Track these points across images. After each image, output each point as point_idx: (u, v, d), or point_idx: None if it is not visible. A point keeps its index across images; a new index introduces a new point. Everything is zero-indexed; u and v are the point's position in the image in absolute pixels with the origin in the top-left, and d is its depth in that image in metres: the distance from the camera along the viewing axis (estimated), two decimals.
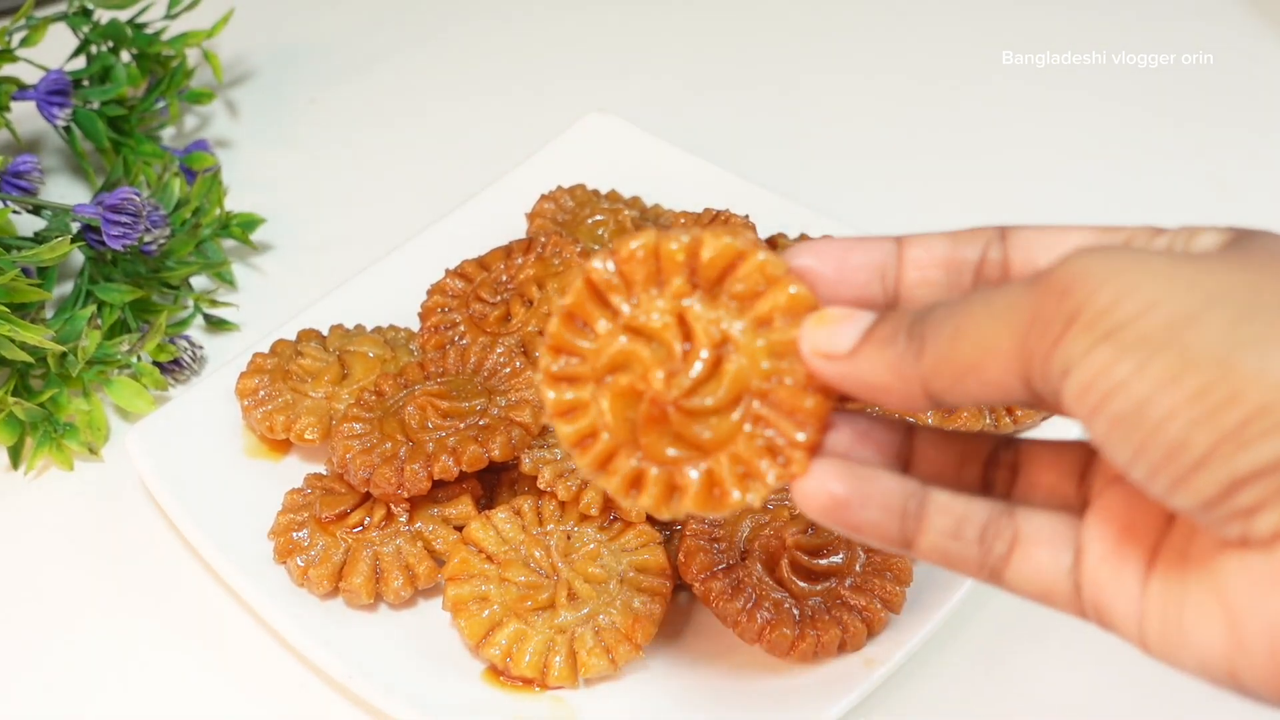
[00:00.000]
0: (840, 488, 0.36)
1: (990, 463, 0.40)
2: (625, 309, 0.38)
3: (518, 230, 0.75)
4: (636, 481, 0.38)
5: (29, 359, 0.66)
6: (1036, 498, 0.38)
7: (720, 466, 0.37)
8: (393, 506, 0.61)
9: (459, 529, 0.60)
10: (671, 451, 0.38)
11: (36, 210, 0.75)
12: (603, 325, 0.38)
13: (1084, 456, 0.38)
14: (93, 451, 0.68)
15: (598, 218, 0.73)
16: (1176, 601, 0.33)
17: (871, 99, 0.90)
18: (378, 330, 0.69)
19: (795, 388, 0.37)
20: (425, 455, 0.59)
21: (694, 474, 0.38)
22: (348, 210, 0.83)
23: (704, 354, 0.37)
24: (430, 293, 0.69)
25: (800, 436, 0.36)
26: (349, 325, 0.69)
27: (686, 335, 0.38)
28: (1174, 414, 0.30)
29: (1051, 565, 0.36)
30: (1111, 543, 0.35)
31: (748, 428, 0.37)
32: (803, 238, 0.70)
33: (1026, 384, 0.33)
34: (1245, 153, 0.85)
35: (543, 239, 0.69)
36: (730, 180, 0.77)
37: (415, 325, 0.70)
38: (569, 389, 0.38)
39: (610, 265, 0.38)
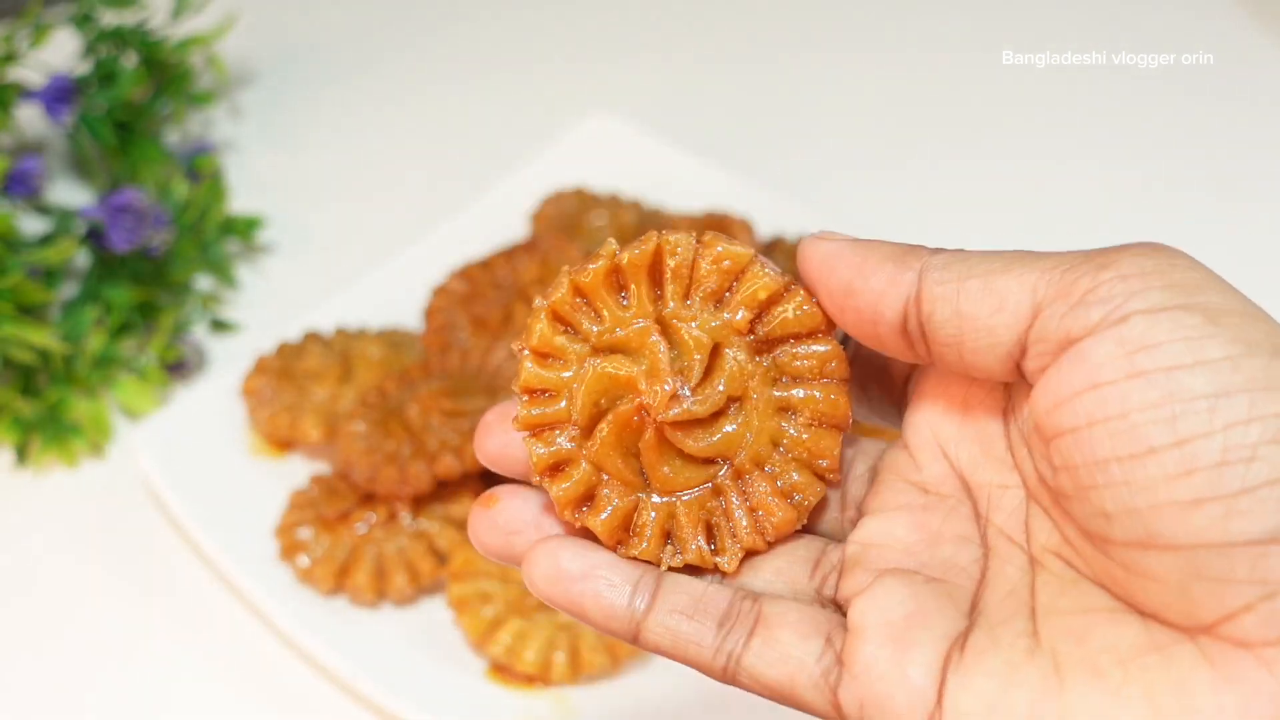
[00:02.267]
0: (566, 560, 0.33)
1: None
2: (671, 303, 0.34)
3: (520, 232, 0.75)
4: (560, 467, 0.35)
5: (35, 360, 0.67)
6: (755, 584, 0.35)
7: (647, 512, 0.34)
8: (396, 505, 0.61)
9: (462, 527, 0.61)
10: (615, 464, 0.34)
11: (42, 212, 0.75)
12: (640, 300, 0.34)
13: (819, 550, 0.35)
14: (98, 451, 0.69)
15: (599, 220, 0.73)
16: (1051, 703, 0.28)
17: (872, 99, 0.91)
18: (381, 331, 0.70)
19: (776, 489, 0.34)
20: (428, 454, 0.60)
21: (620, 499, 0.34)
22: (350, 212, 0.83)
23: (717, 397, 0.34)
24: (433, 294, 0.69)
25: (748, 538, 0.34)
26: (352, 326, 0.70)
27: (709, 367, 0.34)
28: (1254, 419, 0.26)
29: (797, 649, 0.32)
30: (896, 627, 0.31)
31: (701, 493, 0.34)
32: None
33: (1028, 325, 0.29)
34: (1245, 153, 0.85)
35: (544, 240, 0.69)
36: (730, 180, 0.77)
37: (418, 326, 0.70)
38: (564, 336, 0.35)
39: (688, 253, 0.34)
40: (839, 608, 0.33)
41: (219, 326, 0.75)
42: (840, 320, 0.33)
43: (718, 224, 0.70)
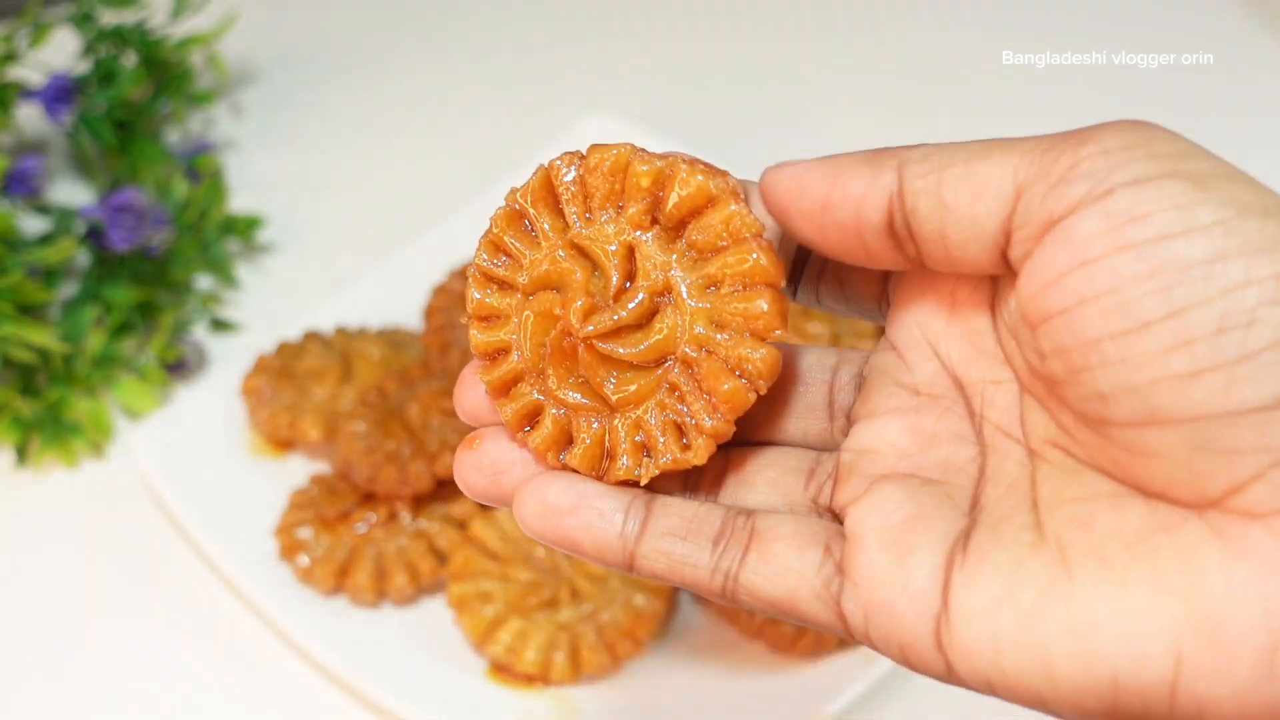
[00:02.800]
0: (553, 494, 0.33)
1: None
2: (576, 223, 0.34)
3: None
4: (531, 417, 0.34)
5: (35, 359, 0.67)
6: (749, 500, 0.34)
7: (619, 430, 0.33)
8: (396, 505, 0.61)
9: (462, 527, 0.61)
10: (573, 395, 0.34)
11: (42, 212, 0.75)
12: (548, 233, 0.34)
13: (812, 460, 0.34)
14: (98, 451, 0.69)
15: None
16: (1058, 591, 0.27)
17: (872, 98, 0.91)
18: (381, 331, 0.70)
19: (721, 366, 0.32)
20: (428, 454, 0.60)
21: (592, 428, 0.33)
22: (350, 211, 0.83)
23: (640, 298, 0.33)
24: (433, 293, 0.69)
25: (709, 422, 0.32)
26: (352, 326, 0.70)
27: (629, 272, 0.33)
28: (1251, 282, 0.25)
29: (795, 561, 0.31)
30: (895, 531, 0.30)
31: (660, 394, 0.33)
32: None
33: (1011, 209, 0.28)
34: (1245, 153, 0.85)
35: None
36: None
37: (418, 326, 0.70)
38: (496, 293, 0.34)
39: (575, 170, 0.33)
40: (835, 516, 0.32)
41: (219, 326, 0.75)
42: (822, 239, 0.31)
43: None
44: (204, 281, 0.78)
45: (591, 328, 0.33)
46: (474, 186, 0.80)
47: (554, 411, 0.34)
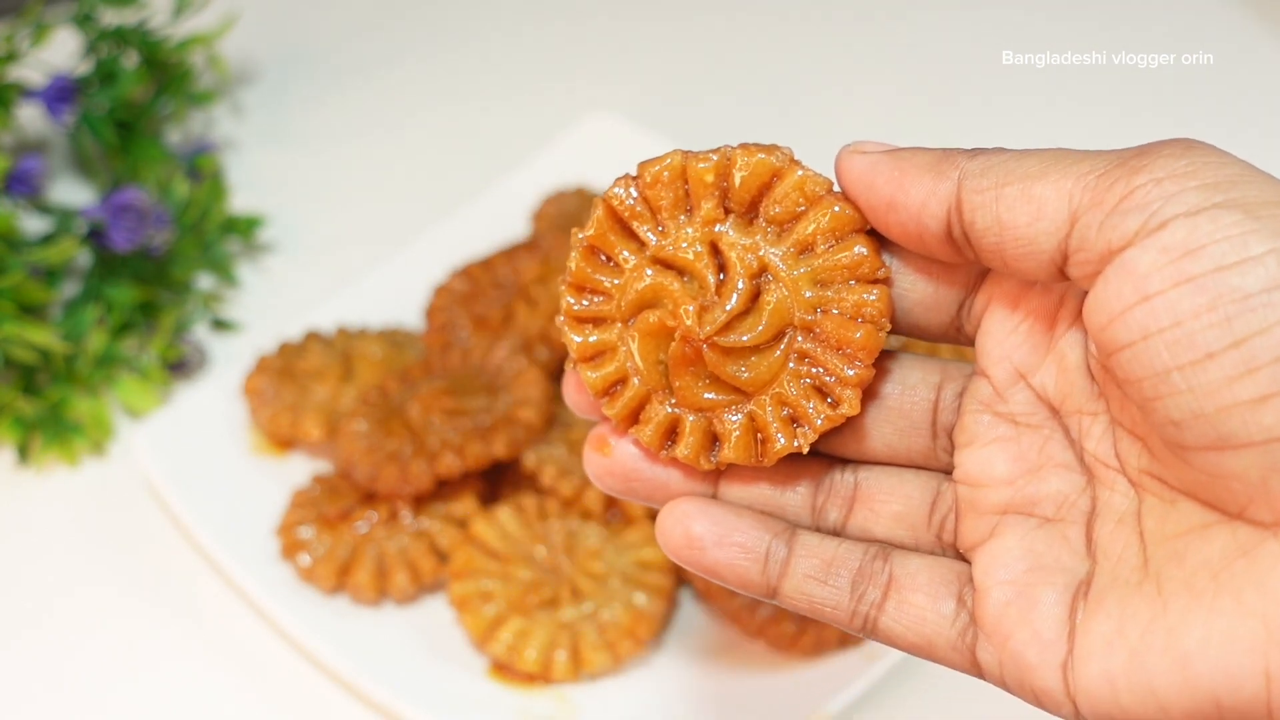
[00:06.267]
0: (698, 527, 0.34)
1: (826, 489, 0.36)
2: (652, 239, 0.34)
3: (520, 230, 0.75)
4: (671, 431, 0.35)
5: (36, 359, 0.67)
6: (877, 530, 0.35)
7: (763, 410, 0.34)
8: (397, 504, 0.61)
9: (463, 526, 0.61)
10: (709, 395, 0.34)
11: (43, 211, 0.75)
12: (628, 258, 0.34)
13: (932, 491, 0.35)
14: (99, 450, 0.69)
15: None
16: (1158, 626, 0.29)
17: (872, 98, 0.91)
18: (382, 330, 0.70)
19: (843, 318, 0.33)
20: (429, 453, 0.60)
21: (734, 420, 0.34)
22: (351, 211, 0.83)
23: (740, 285, 0.33)
24: (434, 293, 0.69)
25: (850, 372, 0.33)
26: (354, 325, 0.70)
27: (721, 265, 0.34)
28: None
29: (931, 613, 0.33)
30: (1020, 584, 0.32)
31: (791, 365, 0.34)
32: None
33: (1066, 233, 0.29)
34: (1245, 153, 0.85)
35: (545, 240, 0.70)
36: None
37: (419, 325, 0.70)
38: (594, 331, 0.35)
39: (633, 191, 0.34)
40: (961, 555, 0.34)
41: (220, 326, 0.75)
42: (887, 233, 0.33)
43: None
44: (205, 281, 0.78)
45: (709, 327, 0.33)
46: (474, 186, 0.80)
47: (691, 419, 0.34)
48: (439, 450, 0.60)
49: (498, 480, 0.64)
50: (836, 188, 0.34)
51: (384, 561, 0.60)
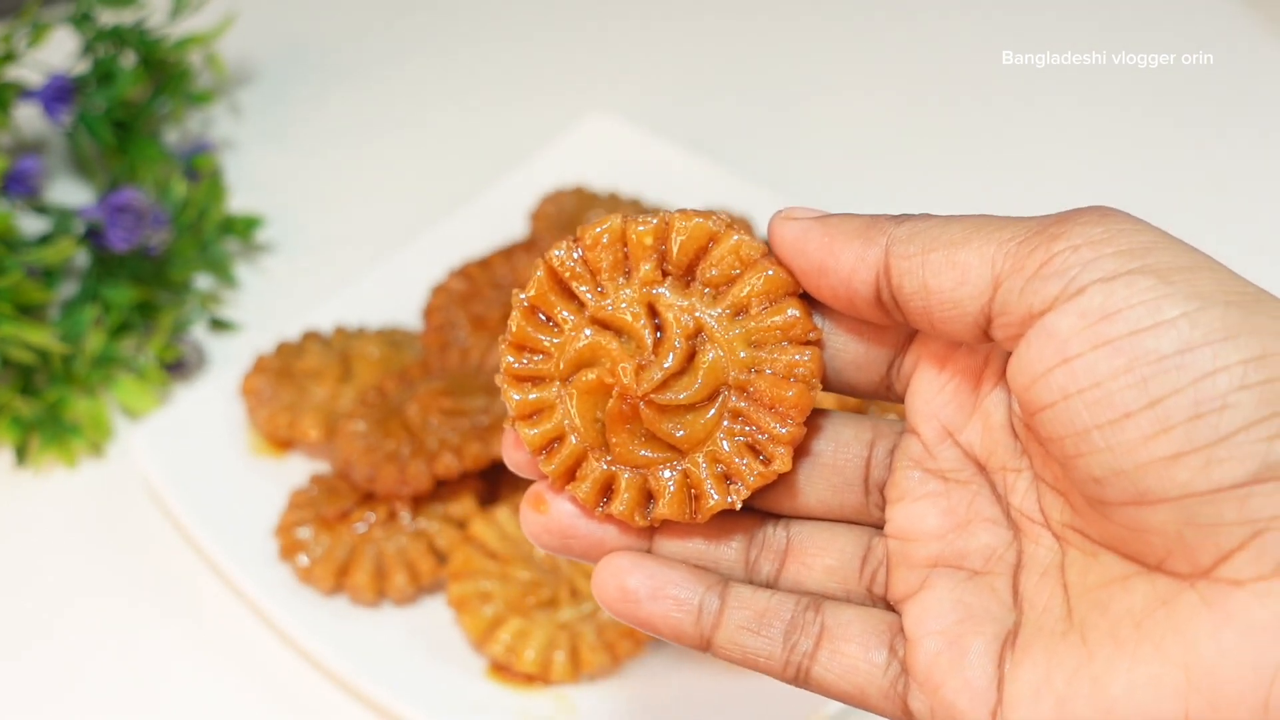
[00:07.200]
0: (633, 580, 0.34)
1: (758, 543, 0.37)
2: (591, 299, 0.35)
3: (519, 230, 0.75)
4: (607, 488, 0.35)
5: (34, 359, 0.67)
6: (810, 583, 0.36)
7: (697, 468, 0.35)
8: (396, 504, 0.61)
9: (461, 526, 0.61)
10: (644, 453, 0.35)
11: (41, 212, 0.75)
12: (567, 318, 0.35)
13: (863, 546, 0.36)
14: (97, 451, 0.69)
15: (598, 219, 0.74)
16: (1083, 674, 0.30)
17: (872, 98, 0.91)
18: (380, 330, 0.70)
19: (775, 377, 0.34)
20: (428, 453, 0.60)
21: (669, 476, 0.35)
22: (350, 210, 0.83)
23: (677, 344, 0.34)
24: (433, 293, 0.69)
25: (782, 430, 0.34)
26: (352, 325, 0.70)
27: (658, 326, 0.35)
28: (1219, 370, 0.27)
29: (863, 662, 0.34)
30: (951, 634, 0.32)
31: (725, 424, 0.35)
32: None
33: (990, 297, 0.30)
34: (1245, 153, 0.85)
35: (544, 240, 0.69)
36: (729, 179, 0.77)
37: (418, 325, 0.70)
38: (533, 389, 0.36)
39: (574, 253, 0.35)
40: (891, 607, 0.35)
41: (218, 326, 0.75)
42: (819, 296, 0.34)
43: None
44: (203, 281, 0.78)
45: (646, 384, 0.34)
46: (474, 186, 0.80)
47: (626, 475, 0.35)
48: (437, 450, 0.60)
49: (496, 481, 0.63)
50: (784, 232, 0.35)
51: (382, 562, 0.60)
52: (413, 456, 0.60)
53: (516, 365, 0.36)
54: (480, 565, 0.58)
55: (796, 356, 0.34)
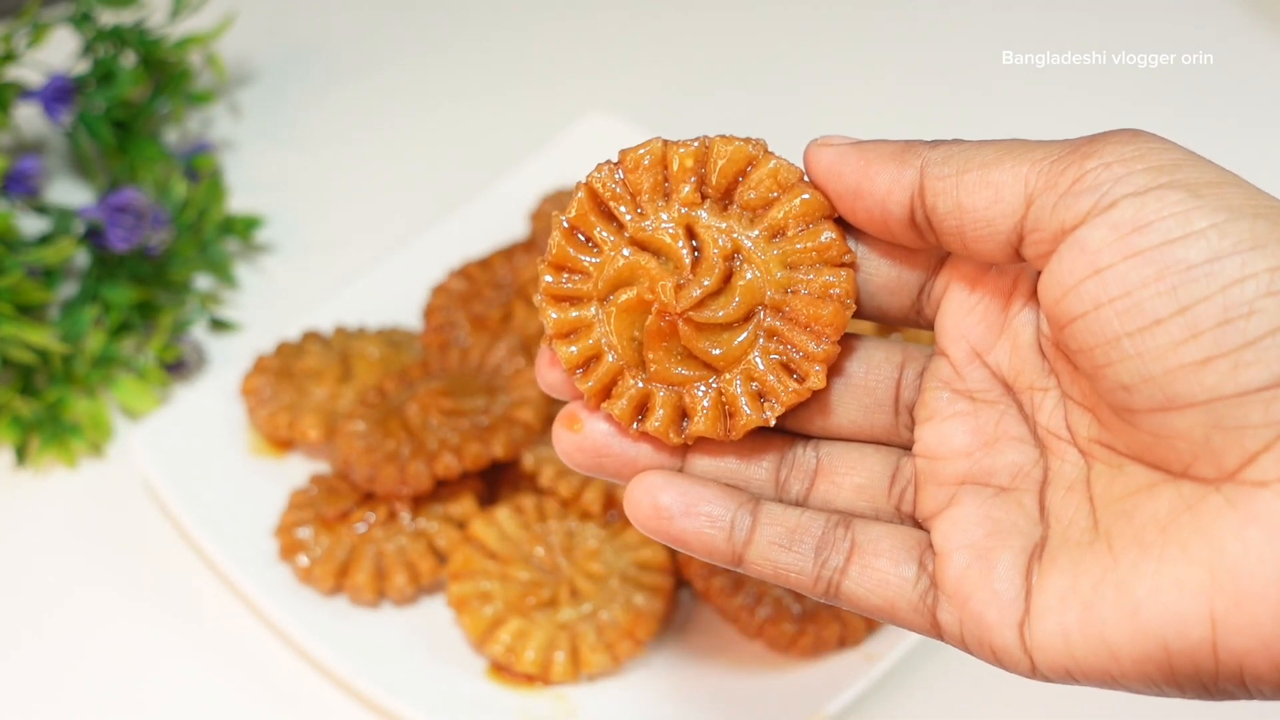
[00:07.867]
0: (666, 497, 0.35)
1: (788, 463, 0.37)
2: (630, 220, 0.36)
3: (519, 230, 0.75)
4: (642, 406, 0.36)
5: (34, 359, 0.67)
6: (839, 502, 0.37)
7: (732, 385, 0.35)
8: (396, 505, 0.61)
9: (461, 527, 0.61)
10: (680, 370, 0.36)
11: (41, 212, 0.75)
12: (607, 239, 0.36)
13: (892, 465, 0.37)
14: (97, 451, 0.69)
15: None
16: (1109, 579, 0.30)
17: (871, 98, 0.91)
18: (380, 330, 0.70)
19: (811, 297, 0.35)
20: (428, 454, 0.60)
21: (703, 393, 0.35)
22: (350, 211, 0.83)
23: (715, 265, 0.35)
24: (433, 293, 0.69)
25: (817, 348, 0.35)
26: (352, 326, 0.70)
27: (696, 247, 0.35)
28: (1247, 277, 0.28)
29: (894, 576, 0.34)
30: (979, 548, 0.33)
31: (761, 342, 0.35)
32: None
33: (1022, 215, 0.31)
34: (1245, 152, 0.85)
35: (544, 240, 0.69)
36: None
37: (418, 325, 0.70)
38: (571, 308, 0.36)
39: (616, 175, 0.35)
40: (919, 525, 0.36)
41: (218, 326, 0.75)
42: (853, 219, 0.35)
43: None
44: (203, 281, 0.78)
45: (685, 301, 0.35)
46: (474, 186, 0.80)
47: (662, 393, 0.36)
48: (437, 451, 0.60)
49: (496, 481, 0.63)
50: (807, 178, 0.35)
51: (382, 562, 0.60)
52: (413, 457, 0.60)
53: (555, 285, 0.36)
54: (480, 565, 0.58)
55: (831, 277, 0.35)
